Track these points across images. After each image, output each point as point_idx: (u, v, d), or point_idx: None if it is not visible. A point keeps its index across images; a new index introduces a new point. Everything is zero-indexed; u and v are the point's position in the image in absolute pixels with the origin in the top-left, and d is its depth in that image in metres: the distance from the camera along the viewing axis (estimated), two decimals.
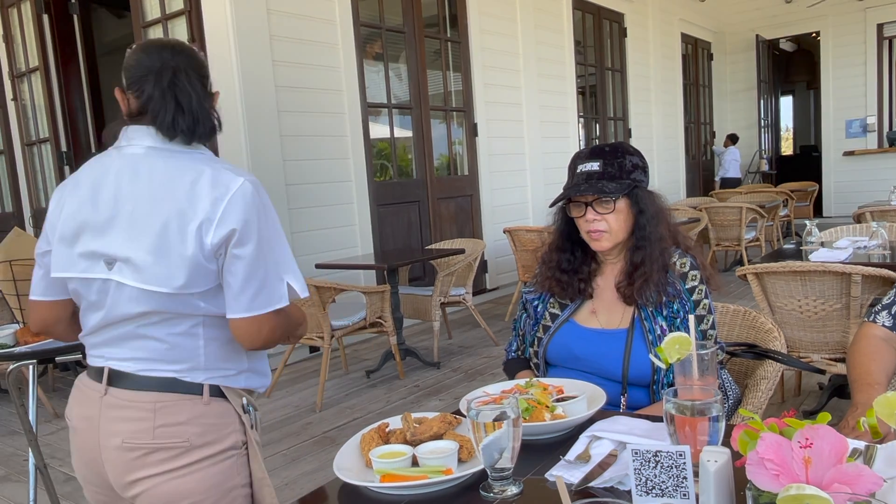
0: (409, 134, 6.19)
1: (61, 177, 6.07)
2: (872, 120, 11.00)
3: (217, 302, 1.30)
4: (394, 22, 5.93)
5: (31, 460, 2.42)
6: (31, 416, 2.40)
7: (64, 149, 6.06)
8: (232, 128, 4.62)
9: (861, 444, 1.01)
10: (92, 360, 1.39)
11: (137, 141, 1.31)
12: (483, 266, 6.58)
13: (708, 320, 1.60)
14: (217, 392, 1.35)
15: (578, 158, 1.63)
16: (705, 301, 1.60)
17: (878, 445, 1.01)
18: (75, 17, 6.05)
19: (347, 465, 1.15)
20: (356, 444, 1.21)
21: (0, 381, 4.03)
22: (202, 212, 1.24)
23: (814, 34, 11.62)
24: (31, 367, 2.30)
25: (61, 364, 4.78)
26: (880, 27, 10.81)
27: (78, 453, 1.40)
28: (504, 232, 5.88)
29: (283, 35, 4.80)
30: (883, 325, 1.67)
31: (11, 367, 2.25)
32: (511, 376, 1.75)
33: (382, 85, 5.79)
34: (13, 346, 2.18)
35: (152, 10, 5.06)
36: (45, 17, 5.88)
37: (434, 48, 6.42)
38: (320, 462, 3.16)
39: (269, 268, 1.29)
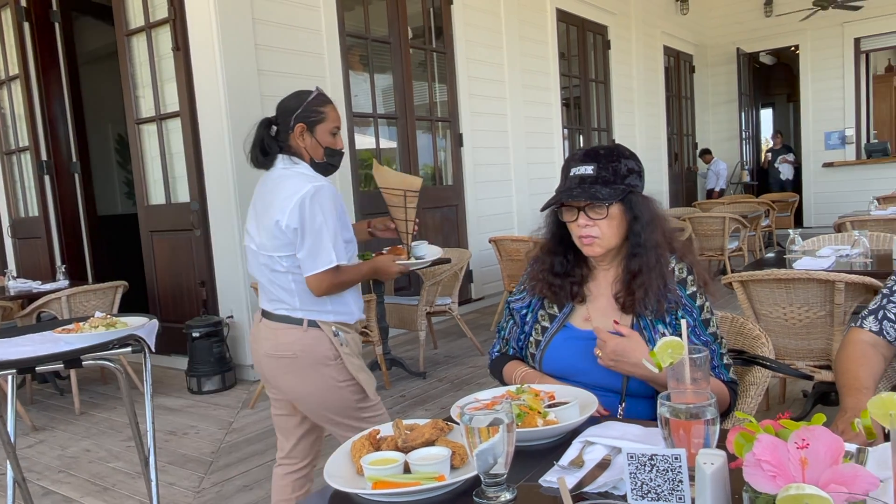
0: (394, 144, 6.19)
1: (42, 186, 6.00)
2: (850, 132, 11.17)
3: (294, 263, 2.02)
4: (379, 33, 5.94)
5: (10, 473, 2.36)
6: (10, 428, 2.35)
7: (44, 158, 5.98)
8: (216, 136, 4.60)
9: (853, 448, 1.01)
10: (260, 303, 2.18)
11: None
12: (469, 276, 6.57)
13: (714, 322, 1.57)
14: (313, 324, 2.05)
15: (572, 160, 1.57)
16: (707, 304, 1.57)
17: (869, 448, 1.01)
18: (57, 24, 6.00)
19: (338, 473, 1.12)
20: (346, 451, 1.19)
21: None
22: (282, 207, 1.99)
23: (793, 48, 11.81)
24: (9, 377, 2.25)
25: (40, 376, 4.70)
26: (857, 41, 11.01)
27: (254, 358, 2.19)
28: (489, 241, 5.88)
29: (268, 44, 4.78)
30: (870, 330, 1.67)
31: None
32: (498, 374, 1.72)
33: (368, 95, 5.79)
34: None
35: (136, 19, 5.04)
36: (26, 25, 5.83)
37: (420, 59, 6.44)
38: None
39: (315, 245, 1.99)
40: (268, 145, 2.10)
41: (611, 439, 1.17)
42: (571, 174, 1.55)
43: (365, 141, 5.90)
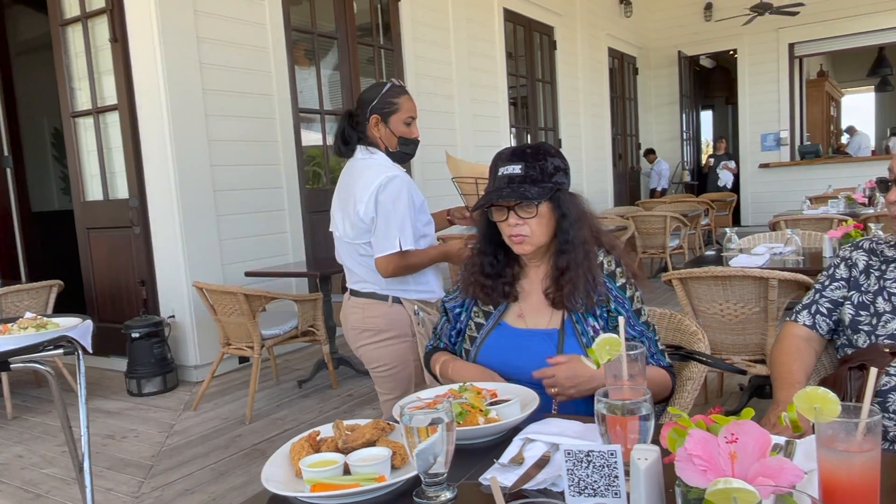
0: None
1: None
2: (785, 134, 11.60)
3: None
4: (326, 28, 5.87)
5: None
6: None
7: None
8: (156, 131, 4.47)
9: (782, 440, 1.05)
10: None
11: None
12: None
13: (645, 311, 1.62)
14: (397, 300, 2.25)
15: (500, 160, 1.58)
16: (637, 294, 1.61)
17: (797, 441, 1.05)
18: None
19: (276, 476, 1.10)
20: (285, 453, 1.17)
21: None
22: (361, 198, 2.18)
23: (731, 52, 12.18)
24: None
25: None
26: (791, 46, 11.44)
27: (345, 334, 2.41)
28: (438, 239, 5.87)
29: (211, 37, 4.68)
30: (804, 324, 1.74)
31: None
32: (427, 366, 1.75)
33: (315, 91, 5.72)
34: None
35: (71, 8, 4.86)
36: None
37: (367, 55, 6.39)
38: (250, 476, 3.07)
39: (384, 230, 2.16)
40: (348, 135, 2.28)
41: (550, 436, 1.18)
42: (500, 174, 1.55)
43: (312, 137, 5.83)
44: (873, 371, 0.95)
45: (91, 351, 2.23)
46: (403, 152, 2.29)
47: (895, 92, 16.15)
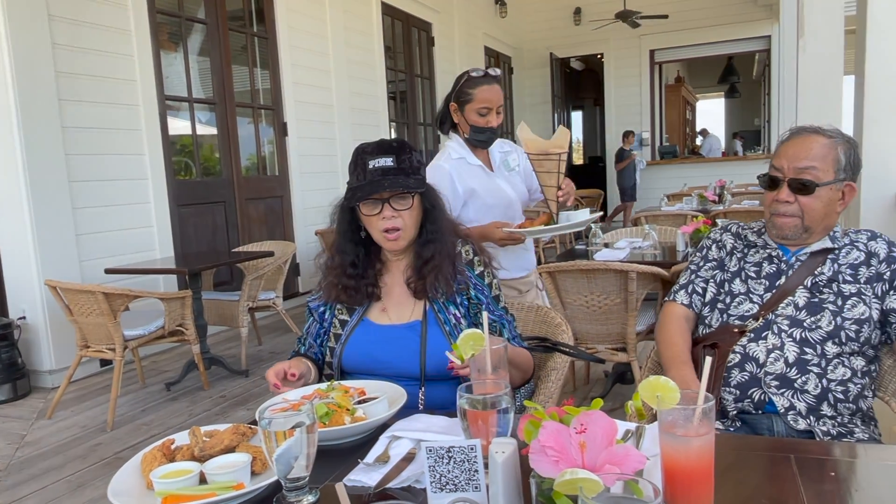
0: (214, 130, 5.87)
1: None
2: (647, 135, 12.35)
3: None
4: (194, 12, 5.60)
5: None
6: None
7: None
8: (2, 115, 4.08)
9: (633, 426, 1.12)
10: None
11: None
12: (295, 269, 6.42)
13: (503, 298, 1.68)
14: None
15: (366, 154, 1.54)
16: (495, 281, 1.67)
17: (646, 426, 1.12)
18: None
19: (125, 490, 1.04)
20: (137, 464, 1.11)
21: None
22: None
23: (599, 56, 12.80)
24: None
25: None
26: (652, 53, 12.19)
27: None
28: (316, 234, 5.78)
29: (64, 16, 4.32)
30: (682, 304, 1.83)
31: None
32: None
33: (183, 77, 5.44)
34: None
35: None
36: None
37: (240, 43, 6.16)
38: None
39: None
40: (442, 118, 2.49)
41: (416, 432, 1.19)
42: (371, 167, 1.53)
43: (180, 126, 5.54)
44: (708, 360, 1.02)
45: None
46: (476, 139, 2.42)
47: (742, 98, 17.65)
